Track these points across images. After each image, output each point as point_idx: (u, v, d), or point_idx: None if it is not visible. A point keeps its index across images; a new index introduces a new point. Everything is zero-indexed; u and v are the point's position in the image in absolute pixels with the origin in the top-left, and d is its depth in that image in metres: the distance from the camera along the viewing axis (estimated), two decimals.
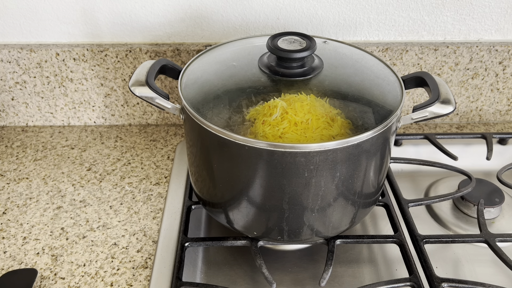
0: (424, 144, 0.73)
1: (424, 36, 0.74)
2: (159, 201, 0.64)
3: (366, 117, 0.45)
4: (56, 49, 0.72)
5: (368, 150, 0.46)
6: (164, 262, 0.55)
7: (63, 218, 0.62)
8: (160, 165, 0.71)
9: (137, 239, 0.59)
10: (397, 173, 0.74)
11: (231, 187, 0.49)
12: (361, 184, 0.49)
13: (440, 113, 0.49)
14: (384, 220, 0.62)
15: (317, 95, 0.46)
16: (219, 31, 0.73)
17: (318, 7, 0.71)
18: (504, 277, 0.57)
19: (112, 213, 0.62)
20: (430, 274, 0.52)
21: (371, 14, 0.71)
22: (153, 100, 0.50)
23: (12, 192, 0.66)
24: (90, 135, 0.78)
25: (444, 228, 0.65)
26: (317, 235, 0.52)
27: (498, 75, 0.77)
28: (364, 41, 0.75)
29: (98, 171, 0.70)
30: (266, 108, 0.45)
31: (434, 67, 0.75)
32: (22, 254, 0.56)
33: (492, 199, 0.64)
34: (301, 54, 0.47)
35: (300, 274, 0.57)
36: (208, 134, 0.45)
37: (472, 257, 0.60)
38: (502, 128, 0.82)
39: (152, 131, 0.79)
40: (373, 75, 0.51)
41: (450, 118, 0.82)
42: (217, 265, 0.59)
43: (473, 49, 0.74)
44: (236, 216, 0.52)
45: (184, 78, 0.51)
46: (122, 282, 0.53)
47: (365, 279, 0.57)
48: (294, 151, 0.43)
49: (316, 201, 0.47)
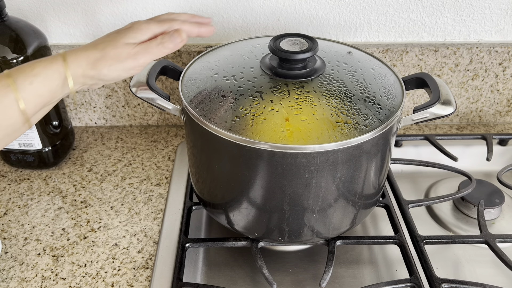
0: (424, 145, 0.73)
1: (424, 37, 0.75)
2: (160, 201, 0.64)
3: (367, 118, 0.45)
4: (58, 50, 0.72)
5: (369, 151, 0.46)
6: (165, 262, 0.55)
7: (64, 218, 0.62)
8: (161, 166, 0.71)
9: (138, 240, 0.59)
10: (397, 174, 0.74)
11: (232, 188, 0.50)
12: (361, 185, 0.49)
13: (440, 114, 0.49)
14: (385, 221, 0.62)
15: (319, 96, 0.46)
16: (219, 32, 0.73)
17: (318, 8, 0.71)
18: (504, 277, 0.57)
19: (113, 213, 0.63)
20: (431, 275, 0.52)
21: (372, 15, 0.72)
22: (154, 101, 0.50)
23: (13, 193, 0.66)
24: (91, 136, 0.78)
25: (444, 229, 0.65)
26: (318, 236, 0.52)
27: (498, 76, 0.77)
28: (364, 42, 0.75)
29: (99, 171, 0.70)
30: (266, 109, 0.45)
31: (434, 68, 0.75)
32: (23, 254, 0.57)
33: (492, 200, 0.64)
34: (303, 55, 0.47)
35: (301, 275, 0.58)
36: (209, 135, 0.45)
37: (472, 257, 0.60)
38: (502, 129, 0.82)
39: (153, 132, 0.79)
40: (374, 76, 0.51)
41: (450, 119, 0.82)
42: (217, 265, 0.59)
43: (473, 50, 0.74)
44: (237, 217, 0.52)
45: (184, 79, 0.52)
46: (123, 283, 0.53)
47: (366, 280, 0.57)
48: (295, 152, 0.43)
49: (316, 202, 0.47)
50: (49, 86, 0.40)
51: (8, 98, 0.38)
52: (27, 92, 0.39)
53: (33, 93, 0.39)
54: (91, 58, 0.42)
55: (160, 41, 0.44)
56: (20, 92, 0.38)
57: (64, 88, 0.42)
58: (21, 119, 0.40)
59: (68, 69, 0.41)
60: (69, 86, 0.42)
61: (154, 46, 0.44)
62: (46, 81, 0.40)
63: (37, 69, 0.39)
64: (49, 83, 0.40)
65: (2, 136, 0.39)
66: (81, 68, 0.42)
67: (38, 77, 0.39)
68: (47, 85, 0.40)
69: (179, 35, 0.44)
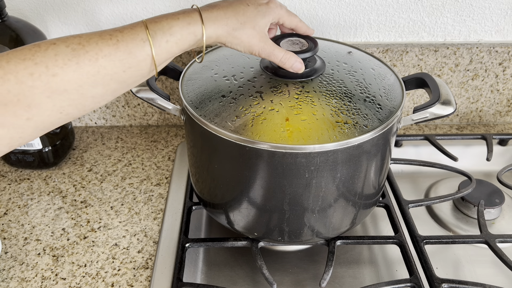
0: (424, 145, 0.73)
1: (424, 37, 0.75)
2: (160, 201, 0.65)
3: (367, 118, 0.45)
4: None
5: (369, 151, 0.46)
6: (165, 262, 0.55)
7: (64, 218, 0.62)
8: (161, 166, 0.71)
9: (138, 240, 0.59)
10: (397, 174, 0.74)
11: (232, 188, 0.50)
12: (361, 185, 0.49)
13: (440, 114, 0.49)
14: (385, 221, 0.62)
15: (319, 96, 0.46)
16: None
17: (318, 8, 0.71)
18: (504, 277, 0.57)
19: (113, 213, 0.63)
20: (431, 275, 0.52)
21: (371, 15, 0.72)
22: (154, 101, 0.50)
23: (13, 193, 0.66)
24: (91, 136, 0.78)
25: (444, 229, 0.65)
26: (318, 236, 0.52)
27: (498, 76, 0.77)
28: (364, 42, 0.75)
29: (99, 171, 0.70)
30: (266, 109, 0.45)
31: (434, 68, 0.75)
32: (23, 254, 0.57)
33: (492, 200, 0.64)
34: (303, 55, 0.47)
35: (301, 275, 0.58)
36: (209, 135, 0.45)
37: (472, 257, 0.60)
38: (502, 129, 0.82)
39: (153, 132, 0.79)
40: (374, 76, 0.51)
41: (450, 119, 0.82)
42: (217, 265, 0.59)
43: (473, 50, 0.74)
44: (237, 216, 0.52)
45: (185, 79, 0.52)
46: (123, 283, 0.53)
47: (366, 280, 0.57)
48: (295, 152, 0.43)
49: (316, 202, 0.47)
50: (182, 46, 0.41)
51: (144, 52, 0.38)
52: (162, 48, 0.39)
53: (166, 50, 0.40)
54: (229, 27, 0.42)
55: (293, 61, 0.46)
56: (156, 49, 0.39)
57: (192, 46, 0.42)
58: (151, 69, 0.40)
59: (204, 36, 0.41)
60: (202, 49, 0.43)
61: (285, 59, 0.46)
62: (180, 42, 0.40)
63: (174, 28, 0.40)
64: (183, 43, 0.41)
65: (132, 82, 0.40)
66: (217, 34, 0.42)
67: (174, 37, 0.40)
68: (180, 45, 0.41)
69: (299, 68, 0.47)
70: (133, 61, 0.38)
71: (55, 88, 0.35)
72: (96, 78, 0.37)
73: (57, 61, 0.35)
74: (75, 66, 0.35)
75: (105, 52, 0.36)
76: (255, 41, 0.44)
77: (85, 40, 0.36)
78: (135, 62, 0.38)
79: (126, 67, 0.38)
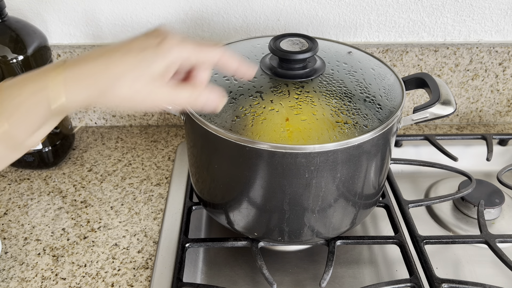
0: (424, 145, 0.73)
1: (424, 37, 0.75)
2: (160, 201, 0.65)
3: (367, 118, 0.45)
4: (58, 50, 0.72)
5: (369, 151, 0.46)
6: (165, 262, 0.55)
7: (64, 218, 0.62)
8: (161, 166, 0.71)
9: (138, 240, 0.59)
10: (397, 174, 0.74)
11: (232, 188, 0.50)
12: (361, 185, 0.49)
13: (440, 114, 0.49)
14: (385, 221, 0.62)
15: (319, 96, 0.46)
16: (219, 32, 0.73)
17: (318, 8, 0.71)
18: (504, 277, 0.57)
19: (113, 213, 0.63)
20: (431, 275, 0.52)
21: (371, 15, 0.72)
22: None
23: (13, 193, 0.66)
24: (91, 136, 0.78)
25: (444, 229, 0.65)
26: (318, 236, 0.52)
27: (498, 76, 0.77)
28: (364, 42, 0.75)
29: (99, 171, 0.70)
30: (266, 109, 0.45)
31: (434, 68, 0.75)
32: (23, 254, 0.57)
33: (492, 200, 0.64)
34: (303, 55, 0.47)
35: (301, 275, 0.58)
36: (209, 135, 0.45)
37: (472, 257, 0.60)
38: (502, 129, 0.82)
39: (153, 132, 0.79)
40: (374, 76, 0.51)
41: (450, 119, 0.82)
42: (217, 265, 0.59)
43: (473, 50, 0.74)
44: (237, 217, 0.52)
45: None
46: (123, 283, 0.53)
47: (366, 280, 0.57)
48: (295, 152, 0.43)
49: (316, 202, 0.47)
50: (36, 117, 0.34)
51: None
52: (14, 119, 0.33)
53: (20, 121, 0.33)
54: (98, 87, 0.34)
55: (204, 99, 0.38)
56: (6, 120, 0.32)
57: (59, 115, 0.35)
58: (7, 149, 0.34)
59: (61, 99, 0.33)
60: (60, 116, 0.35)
61: (194, 98, 0.37)
62: (31, 112, 0.33)
63: (24, 95, 0.33)
64: (35, 114, 0.34)
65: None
66: (81, 97, 0.34)
67: (22, 107, 0.33)
68: (34, 115, 0.34)
69: (214, 107, 0.39)
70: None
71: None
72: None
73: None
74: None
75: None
76: (144, 93, 0.35)
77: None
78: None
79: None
